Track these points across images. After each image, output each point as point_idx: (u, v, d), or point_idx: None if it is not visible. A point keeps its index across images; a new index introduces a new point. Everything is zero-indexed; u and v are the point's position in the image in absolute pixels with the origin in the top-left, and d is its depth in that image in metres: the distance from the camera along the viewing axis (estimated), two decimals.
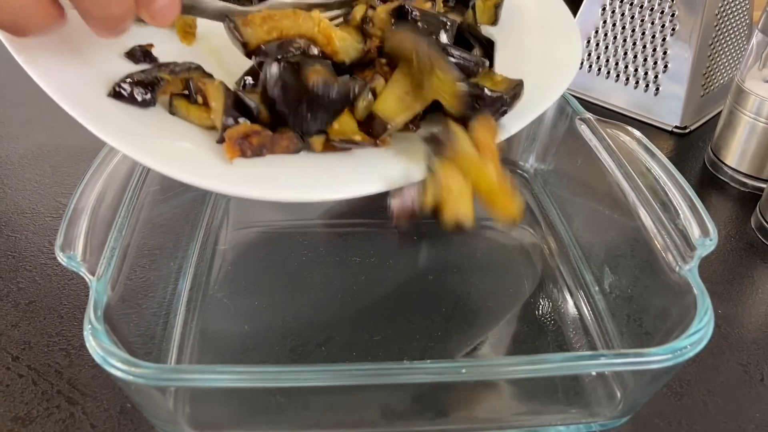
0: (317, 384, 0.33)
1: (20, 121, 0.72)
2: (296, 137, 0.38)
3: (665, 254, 0.40)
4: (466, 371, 0.32)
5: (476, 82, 0.40)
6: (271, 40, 0.38)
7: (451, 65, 0.38)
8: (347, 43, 0.39)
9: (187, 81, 0.39)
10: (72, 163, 0.65)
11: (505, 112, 0.42)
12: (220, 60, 0.45)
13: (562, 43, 0.49)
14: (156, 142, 0.36)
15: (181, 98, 0.39)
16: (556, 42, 0.50)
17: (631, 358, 0.34)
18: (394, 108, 0.39)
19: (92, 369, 0.43)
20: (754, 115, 0.61)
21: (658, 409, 0.41)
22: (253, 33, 0.38)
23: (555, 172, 0.60)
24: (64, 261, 0.36)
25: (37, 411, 0.40)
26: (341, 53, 0.40)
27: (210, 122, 0.38)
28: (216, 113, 0.38)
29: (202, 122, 0.39)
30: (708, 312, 0.35)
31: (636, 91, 0.76)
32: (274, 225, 0.57)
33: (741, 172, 0.64)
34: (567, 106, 0.56)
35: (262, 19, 0.38)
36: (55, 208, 0.58)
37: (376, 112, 0.39)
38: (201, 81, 0.39)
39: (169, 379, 0.32)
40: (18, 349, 0.44)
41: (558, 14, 0.52)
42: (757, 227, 0.58)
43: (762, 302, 0.50)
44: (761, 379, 0.44)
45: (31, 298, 0.48)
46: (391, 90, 0.39)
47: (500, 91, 0.40)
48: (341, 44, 0.39)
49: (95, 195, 0.41)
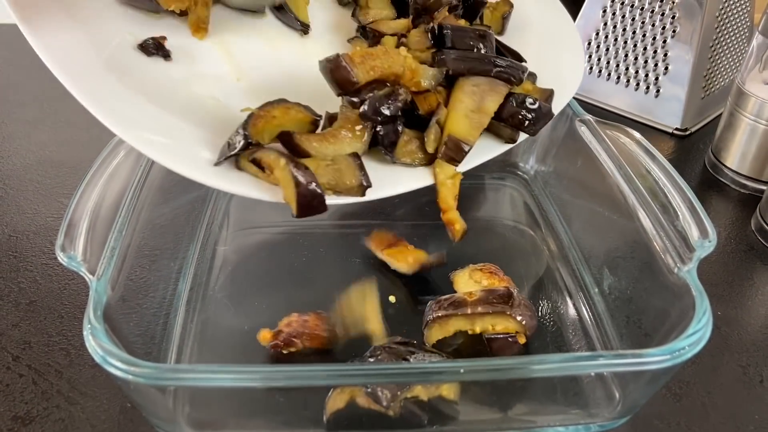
0: (317, 384, 0.33)
1: (23, 122, 0.72)
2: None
3: (664, 256, 0.41)
4: (464, 371, 0.33)
5: (520, 92, 0.42)
6: (371, 79, 0.39)
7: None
8: (430, 72, 0.41)
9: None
10: (74, 164, 0.65)
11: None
12: (229, 55, 0.46)
13: (565, 57, 0.50)
14: (147, 125, 0.37)
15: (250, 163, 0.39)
16: (560, 56, 0.50)
17: (629, 359, 0.34)
18: (466, 128, 0.40)
19: (92, 369, 0.43)
20: (755, 117, 0.62)
21: (657, 410, 0.41)
22: (360, 72, 0.38)
23: (555, 174, 0.60)
24: (64, 261, 0.37)
25: (37, 410, 0.40)
26: (425, 82, 0.41)
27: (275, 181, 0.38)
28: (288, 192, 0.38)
29: (272, 179, 0.38)
30: (707, 313, 0.35)
31: (636, 93, 0.76)
32: (275, 226, 0.57)
33: (741, 174, 0.64)
34: (567, 107, 0.56)
35: (362, 58, 0.39)
36: (56, 209, 0.58)
37: (453, 134, 0.40)
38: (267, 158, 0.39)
39: (168, 378, 0.32)
40: (18, 348, 0.45)
41: (561, 27, 0.53)
42: (757, 229, 0.58)
43: (762, 304, 0.50)
44: (761, 381, 0.44)
45: (31, 298, 0.49)
46: (457, 111, 0.40)
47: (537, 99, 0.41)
48: (425, 74, 0.41)
49: (96, 195, 0.41)
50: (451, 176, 0.40)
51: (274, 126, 0.39)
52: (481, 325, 0.40)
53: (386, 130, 0.39)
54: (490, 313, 0.40)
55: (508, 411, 0.38)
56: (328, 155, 0.38)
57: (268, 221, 0.57)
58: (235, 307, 0.45)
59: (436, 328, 0.40)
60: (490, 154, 0.43)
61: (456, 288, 0.46)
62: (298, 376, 0.32)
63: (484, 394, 0.37)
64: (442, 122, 0.40)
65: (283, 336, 0.41)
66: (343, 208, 0.59)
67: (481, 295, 0.41)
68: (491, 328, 0.40)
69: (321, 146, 0.39)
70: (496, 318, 0.40)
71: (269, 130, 0.39)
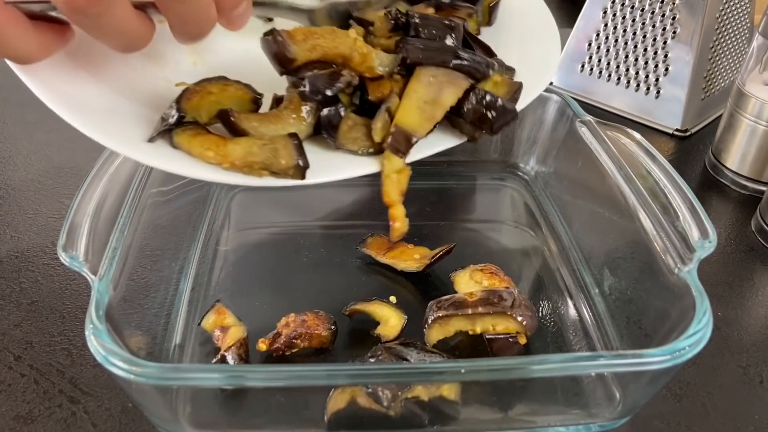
0: (317, 384, 0.33)
1: (24, 122, 0.72)
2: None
3: (665, 256, 0.41)
4: (465, 371, 0.33)
5: (484, 88, 0.40)
6: (313, 58, 0.38)
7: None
8: (384, 58, 0.40)
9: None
10: (75, 164, 0.65)
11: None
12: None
13: (541, 46, 0.49)
14: (83, 100, 0.37)
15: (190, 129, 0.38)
16: (536, 45, 0.49)
17: (630, 359, 0.34)
18: (416, 119, 0.39)
19: (94, 368, 0.43)
20: (755, 118, 0.62)
21: (658, 411, 0.41)
22: (299, 50, 0.38)
23: (555, 175, 0.60)
24: (66, 261, 0.37)
25: (39, 410, 0.40)
26: (378, 68, 0.39)
27: (214, 160, 0.37)
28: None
29: (205, 157, 0.37)
30: (707, 313, 0.35)
31: (637, 94, 0.76)
32: (276, 226, 0.57)
33: (741, 175, 0.65)
34: (567, 108, 0.56)
35: (304, 36, 0.38)
36: (57, 209, 0.58)
37: (401, 125, 0.38)
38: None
39: (170, 378, 0.32)
40: (20, 348, 0.45)
41: (539, 17, 0.52)
42: (758, 230, 0.58)
43: (762, 305, 0.51)
44: (761, 382, 0.44)
45: (33, 298, 0.49)
46: (410, 101, 0.39)
47: (501, 95, 0.40)
48: (378, 59, 0.39)
49: (98, 196, 0.41)
50: (397, 170, 0.38)
51: (212, 102, 0.38)
52: (481, 326, 0.40)
53: (328, 113, 0.38)
54: (491, 314, 0.40)
55: (508, 411, 0.38)
56: (266, 135, 0.38)
57: (269, 222, 0.57)
58: (236, 307, 0.45)
59: (437, 329, 0.40)
60: (439, 147, 0.41)
61: (456, 288, 0.47)
62: (298, 376, 0.33)
63: (484, 395, 0.37)
64: (393, 111, 0.39)
65: (282, 340, 0.41)
66: (343, 209, 0.60)
67: (482, 295, 0.41)
68: (492, 329, 0.40)
69: (261, 126, 0.38)
70: (496, 318, 0.40)
71: (206, 107, 0.38)
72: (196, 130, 0.37)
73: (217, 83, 0.39)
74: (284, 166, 0.36)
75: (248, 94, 0.40)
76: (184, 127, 0.37)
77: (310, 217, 0.59)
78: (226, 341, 0.41)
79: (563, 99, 0.57)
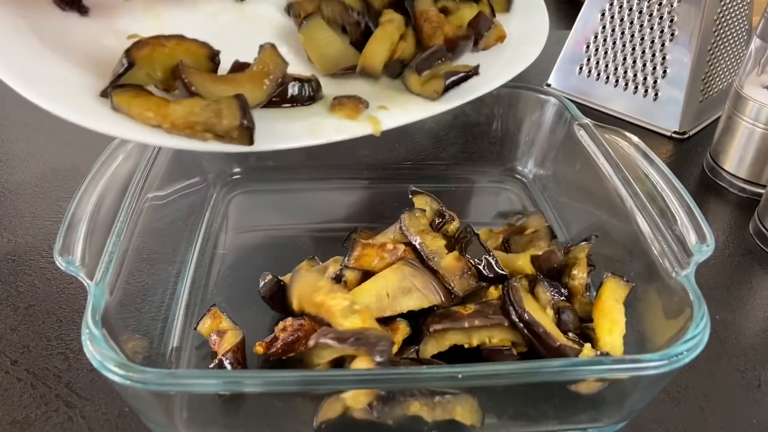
0: (315, 390, 0.33)
1: (21, 124, 0.72)
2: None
3: (662, 260, 0.41)
4: (462, 377, 0.33)
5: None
6: None
7: None
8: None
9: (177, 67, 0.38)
10: (72, 167, 0.65)
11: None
12: (156, 16, 0.45)
13: (532, 19, 0.52)
14: (30, 66, 0.37)
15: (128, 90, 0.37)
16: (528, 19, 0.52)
17: (627, 363, 0.34)
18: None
19: (90, 373, 0.43)
20: (753, 121, 0.62)
21: (656, 415, 0.41)
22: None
23: (553, 178, 0.60)
24: (62, 265, 0.37)
25: (36, 415, 0.40)
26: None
27: (154, 121, 0.36)
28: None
29: (145, 118, 0.36)
30: (704, 318, 0.35)
31: (635, 97, 0.76)
32: (273, 229, 0.57)
33: (739, 177, 0.65)
34: (566, 111, 0.56)
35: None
36: (55, 212, 0.58)
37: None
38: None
39: (166, 384, 0.32)
40: (17, 352, 0.45)
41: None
42: (756, 233, 0.58)
43: (760, 308, 0.51)
44: (758, 385, 0.44)
45: (30, 302, 0.49)
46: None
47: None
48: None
49: (94, 199, 0.41)
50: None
51: (166, 56, 0.38)
52: (478, 338, 0.40)
53: (295, 88, 0.40)
54: (487, 326, 0.40)
55: (505, 416, 0.38)
56: (214, 96, 0.37)
57: (267, 225, 0.57)
58: (234, 311, 0.45)
59: (432, 343, 0.40)
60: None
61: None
62: (295, 382, 0.32)
63: (481, 399, 0.37)
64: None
65: (279, 344, 0.40)
66: (340, 212, 0.60)
67: (477, 307, 0.41)
68: (488, 341, 0.40)
69: (213, 86, 0.38)
70: (492, 330, 0.40)
71: (160, 61, 0.37)
72: (136, 91, 0.36)
73: (172, 39, 0.38)
74: (227, 126, 0.35)
75: (204, 49, 0.39)
76: (124, 89, 0.36)
77: (308, 220, 0.59)
78: (222, 346, 0.41)
79: (561, 102, 0.57)
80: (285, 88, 0.41)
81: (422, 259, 0.43)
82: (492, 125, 0.63)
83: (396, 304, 0.40)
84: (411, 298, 0.41)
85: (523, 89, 0.60)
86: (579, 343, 0.39)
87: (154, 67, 0.38)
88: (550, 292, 0.42)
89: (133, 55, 0.36)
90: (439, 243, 0.43)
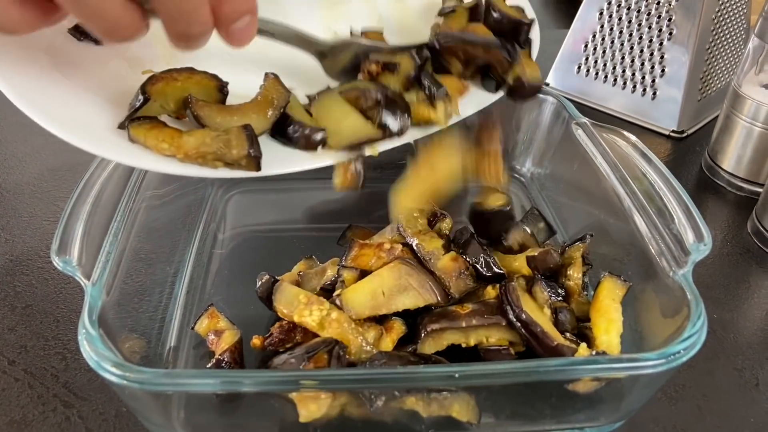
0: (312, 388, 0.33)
1: (19, 125, 0.72)
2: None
3: (660, 259, 0.41)
4: (460, 376, 0.33)
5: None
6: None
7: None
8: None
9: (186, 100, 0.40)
10: (70, 167, 0.65)
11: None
12: (164, 40, 0.46)
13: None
14: (51, 99, 0.38)
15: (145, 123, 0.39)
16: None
17: (624, 362, 0.34)
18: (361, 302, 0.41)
19: (88, 373, 0.43)
20: (751, 120, 0.62)
21: (653, 414, 0.41)
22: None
23: (551, 177, 0.60)
24: (59, 265, 0.36)
25: (33, 415, 0.40)
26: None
27: (168, 151, 0.38)
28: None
29: (160, 149, 0.38)
30: (701, 317, 0.35)
31: (633, 96, 0.76)
32: (271, 229, 0.57)
33: (737, 176, 0.65)
34: (563, 110, 0.56)
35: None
36: (52, 212, 0.58)
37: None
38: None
39: (163, 383, 0.32)
40: (14, 353, 0.44)
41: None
42: (754, 232, 0.58)
43: (757, 307, 0.51)
44: (756, 384, 0.44)
45: (27, 302, 0.49)
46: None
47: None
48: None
49: (92, 199, 0.41)
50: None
51: (177, 89, 0.40)
52: (475, 338, 0.40)
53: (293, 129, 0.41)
54: (485, 326, 0.40)
55: (503, 415, 0.38)
56: (223, 125, 0.39)
57: (264, 224, 0.57)
58: (231, 310, 0.45)
59: (430, 343, 0.40)
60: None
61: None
62: (292, 382, 0.32)
63: (479, 398, 0.37)
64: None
65: (274, 338, 0.40)
66: (337, 212, 0.59)
67: (474, 307, 0.41)
68: (485, 341, 0.40)
69: (220, 116, 0.40)
70: (490, 330, 0.40)
71: (172, 94, 0.40)
72: (151, 124, 0.38)
73: (183, 72, 0.40)
74: (236, 156, 0.38)
75: (213, 81, 0.41)
76: (140, 121, 0.38)
77: (305, 220, 0.59)
78: (220, 345, 0.41)
79: (559, 101, 0.57)
80: (286, 128, 0.42)
81: (419, 260, 0.43)
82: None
83: (392, 302, 0.40)
84: (407, 296, 0.41)
85: None
86: (576, 343, 0.39)
87: (167, 100, 0.40)
88: (548, 291, 0.42)
89: (148, 90, 0.39)
90: (436, 244, 0.43)
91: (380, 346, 0.39)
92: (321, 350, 0.37)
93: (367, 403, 0.34)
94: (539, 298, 0.42)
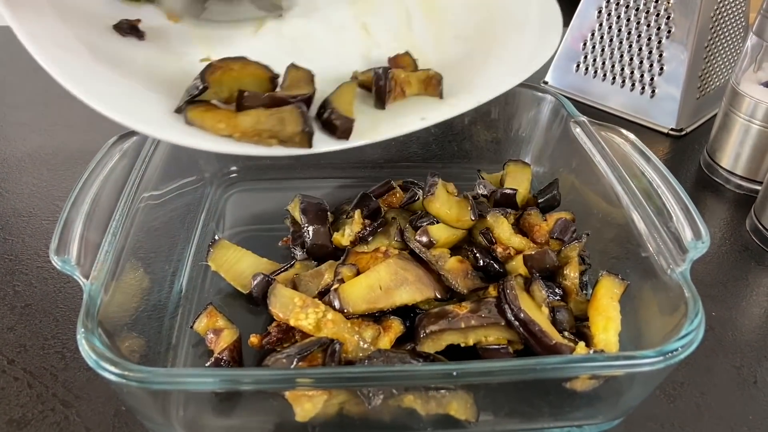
0: (311, 387, 0.33)
1: (18, 124, 0.72)
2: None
3: (658, 257, 0.41)
4: (458, 374, 0.33)
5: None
6: None
7: None
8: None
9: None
10: (69, 166, 0.65)
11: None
12: (203, 36, 0.48)
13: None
14: (108, 90, 0.40)
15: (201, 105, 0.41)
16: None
17: (622, 360, 0.34)
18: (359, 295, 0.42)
19: (87, 372, 0.43)
20: (749, 118, 0.62)
21: (651, 412, 0.41)
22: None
23: (550, 175, 0.60)
24: (58, 265, 0.37)
25: (32, 414, 0.40)
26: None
27: (225, 131, 0.39)
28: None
29: (217, 129, 0.40)
30: (699, 315, 0.35)
31: (632, 94, 0.76)
32: (270, 228, 0.57)
33: (736, 174, 0.65)
34: (562, 108, 0.56)
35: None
36: (52, 211, 0.58)
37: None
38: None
39: (162, 382, 0.32)
40: (14, 352, 0.45)
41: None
42: (752, 229, 0.58)
43: (756, 304, 0.51)
44: (754, 382, 0.44)
45: (26, 301, 0.49)
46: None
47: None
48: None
49: (90, 198, 0.41)
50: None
51: (233, 79, 0.41)
52: (474, 338, 0.40)
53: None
54: (484, 326, 0.40)
55: (501, 413, 0.38)
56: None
57: (263, 223, 0.57)
58: (230, 309, 0.45)
59: (429, 344, 0.39)
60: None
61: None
62: (290, 380, 0.33)
63: (477, 396, 0.37)
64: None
65: (272, 337, 0.40)
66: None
67: (472, 306, 0.41)
68: (484, 340, 0.40)
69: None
70: (488, 329, 0.40)
71: (228, 83, 0.41)
72: (207, 106, 0.40)
73: (238, 61, 0.42)
74: (290, 132, 0.39)
75: (266, 72, 0.43)
76: (196, 104, 0.40)
77: None
78: (219, 344, 0.41)
79: (557, 99, 0.57)
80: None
81: (419, 260, 0.43)
82: (489, 123, 0.63)
83: (389, 297, 0.40)
84: (404, 291, 0.41)
85: (519, 87, 0.60)
86: (574, 342, 0.39)
87: (222, 87, 0.41)
88: (545, 290, 0.42)
89: (207, 79, 0.40)
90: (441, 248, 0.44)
91: (378, 345, 0.39)
92: (315, 349, 0.37)
93: (365, 401, 0.34)
94: (537, 297, 0.42)
